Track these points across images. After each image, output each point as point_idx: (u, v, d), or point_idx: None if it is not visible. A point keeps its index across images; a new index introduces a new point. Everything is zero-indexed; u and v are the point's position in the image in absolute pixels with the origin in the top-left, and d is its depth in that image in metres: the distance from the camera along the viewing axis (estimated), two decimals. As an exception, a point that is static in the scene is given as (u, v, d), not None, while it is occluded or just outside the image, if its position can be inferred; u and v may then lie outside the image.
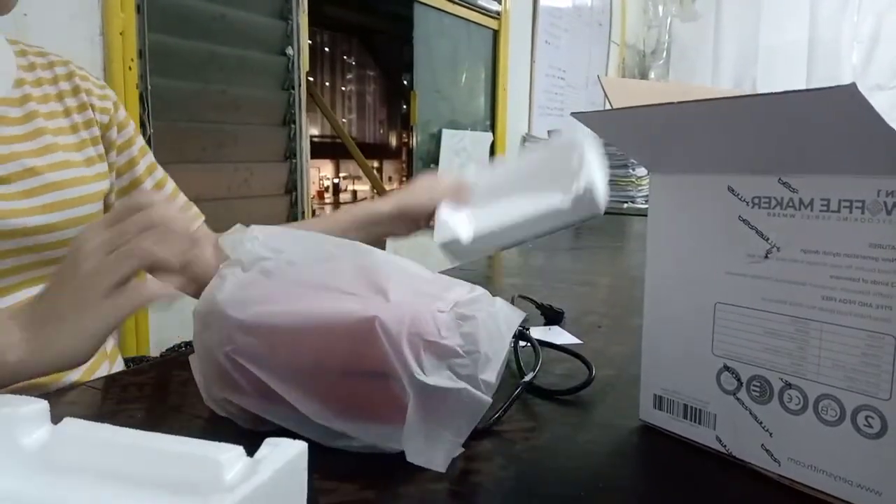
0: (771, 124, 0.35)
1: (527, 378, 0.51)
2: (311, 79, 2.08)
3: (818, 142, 0.34)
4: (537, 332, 0.71)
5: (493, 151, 3.18)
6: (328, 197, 5.17)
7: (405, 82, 3.45)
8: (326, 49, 4.91)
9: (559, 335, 0.70)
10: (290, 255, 0.46)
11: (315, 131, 4.25)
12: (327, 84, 5.01)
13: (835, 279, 0.35)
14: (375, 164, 5.15)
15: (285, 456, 0.29)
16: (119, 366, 0.75)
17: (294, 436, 0.31)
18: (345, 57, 5.11)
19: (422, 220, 0.80)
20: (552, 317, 0.75)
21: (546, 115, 3.61)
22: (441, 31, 2.76)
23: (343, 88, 5.19)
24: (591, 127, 0.47)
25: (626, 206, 2.96)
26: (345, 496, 0.37)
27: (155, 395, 0.53)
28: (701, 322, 0.42)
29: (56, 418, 0.32)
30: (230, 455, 0.28)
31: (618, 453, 0.44)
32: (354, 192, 5.30)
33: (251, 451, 0.29)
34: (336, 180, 5.28)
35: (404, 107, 3.81)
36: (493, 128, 3.19)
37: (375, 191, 3.39)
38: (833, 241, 0.35)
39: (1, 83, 0.66)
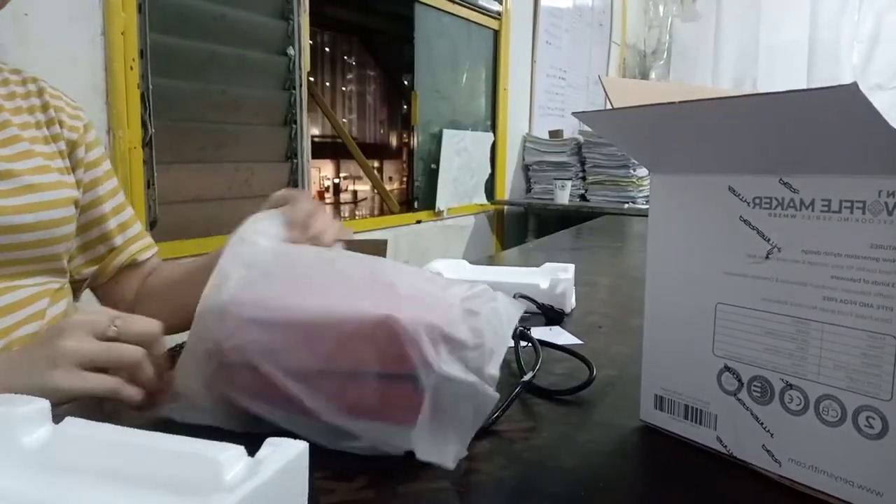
0: (772, 124, 0.35)
1: (526, 377, 0.51)
2: (311, 79, 2.08)
3: (819, 142, 0.34)
4: (538, 332, 0.71)
5: (493, 151, 3.19)
6: (329, 197, 5.17)
7: (406, 82, 3.45)
8: (327, 49, 4.91)
9: (560, 335, 0.70)
10: (294, 257, 0.46)
11: (316, 131, 4.25)
12: (328, 84, 5.01)
13: (836, 279, 0.35)
14: (376, 164, 5.14)
15: (286, 456, 0.29)
16: None
17: (296, 437, 0.31)
18: (345, 57, 5.11)
19: None
20: (553, 317, 0.75)
21: (547, 115, 3.61)
22: (441, 31, 2.76)
23: (343, 88, 5.19)
24: (592, 126, 0.47)
25: (626, 206, 2.96)
26: (345, 496, 0.37)
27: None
28: (702, 322, 0.42)
29: (57, 417, 0.32)
30: (230, 454, 0.28)
31: (618, 453, 0.44)
32: (355, 193, 5.30)
33: (252, 451, 0.29)
34: (337, 180, 5.28)
35: (405, 107, 3.82)
36: (493, 128, 3.19)
37: (376, 191, 3.39)
38: (834, 241, 0.35)
39: None
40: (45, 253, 0.69)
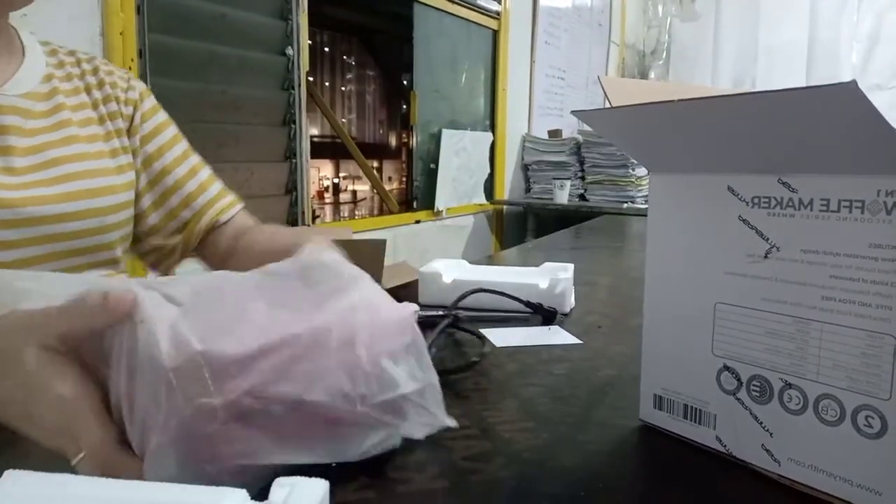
0: (771, 123, 0.35)
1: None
2: (311, 79, 2.08)
3: (818, 141, 0.34)
4: (536, 333, 0.71)
5: (492, 151, 3.19)
6: (328, 197, 5.17)
7: (405, 82, 3.45)
8: (326, 49, 4.91)
9: (558, 334, 0.70)
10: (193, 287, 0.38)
11: (315, 131, 4.25)
12: (327, 84, 5.01)
13: (835, 279, 0.35)
14: (375, 164, 5.15)
15: (308, 500, 0.26)
16: None
17: (311, 469, 0.29)
18: (345, 57, 5.11)
19: None
20: (546, 316, 0.75)
21: (546, 115, 3.61)
22: (441, 31, 2.76)
23: (343, 88, 5.19)
24: (591, 125, 0.47)
25: (625, 206, 2.96)
26: (345, 496, 0.37)
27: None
28: (701, 322, 0.42)
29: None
30: (235, 500, 0.25)
31: (618, 453, 0.44)
32: (354, 192, 5.31)
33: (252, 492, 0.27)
34: (336, 180, 5.28)
35: (404, 107, 3.81)
36: (492, 128, 3.19)
37: (375, 191, 3.39)
38: (833, 241, 0.35)
39: (29, 78, 0.68)
40: (94, 243, 0.67)
